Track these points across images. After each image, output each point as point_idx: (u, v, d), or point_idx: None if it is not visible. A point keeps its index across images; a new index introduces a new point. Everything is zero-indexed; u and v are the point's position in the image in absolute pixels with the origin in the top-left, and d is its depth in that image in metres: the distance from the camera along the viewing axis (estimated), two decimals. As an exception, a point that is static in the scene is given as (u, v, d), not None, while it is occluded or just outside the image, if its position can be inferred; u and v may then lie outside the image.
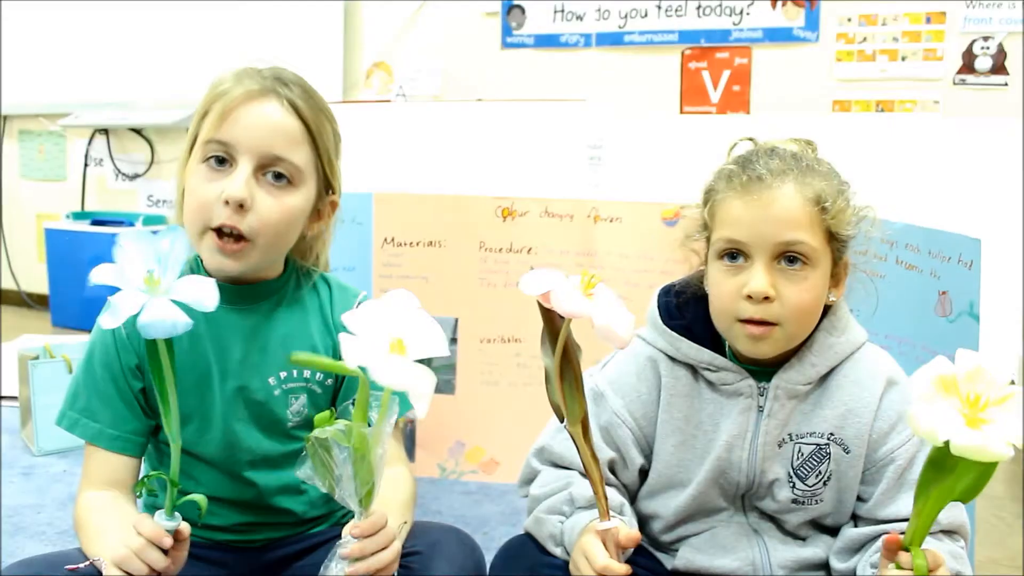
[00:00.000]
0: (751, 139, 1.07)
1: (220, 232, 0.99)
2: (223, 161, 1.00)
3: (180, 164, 1.05)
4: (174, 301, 0.82)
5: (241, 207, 0.98)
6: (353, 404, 0.80)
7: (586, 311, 0.81)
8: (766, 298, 0.96)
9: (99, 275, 0.82)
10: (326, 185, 1.08)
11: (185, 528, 0.88)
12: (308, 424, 1.09)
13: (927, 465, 0.80)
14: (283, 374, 1.07)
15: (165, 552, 0.86)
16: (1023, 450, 0.76)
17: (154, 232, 0.86)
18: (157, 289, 0.81)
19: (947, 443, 0.75)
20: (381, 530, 0.86)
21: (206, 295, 0.83)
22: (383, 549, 0.86)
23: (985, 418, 0.76)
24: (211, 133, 1.00)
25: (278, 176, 1.01)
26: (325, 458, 0.80)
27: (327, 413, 0.82)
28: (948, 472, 0.78)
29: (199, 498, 0.89)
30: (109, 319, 0.79)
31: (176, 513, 0.88)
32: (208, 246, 1.00)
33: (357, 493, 0.81)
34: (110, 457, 1.04)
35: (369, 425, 0.80)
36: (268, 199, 1.00)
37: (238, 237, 0.99)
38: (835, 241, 1.00)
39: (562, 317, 0.86)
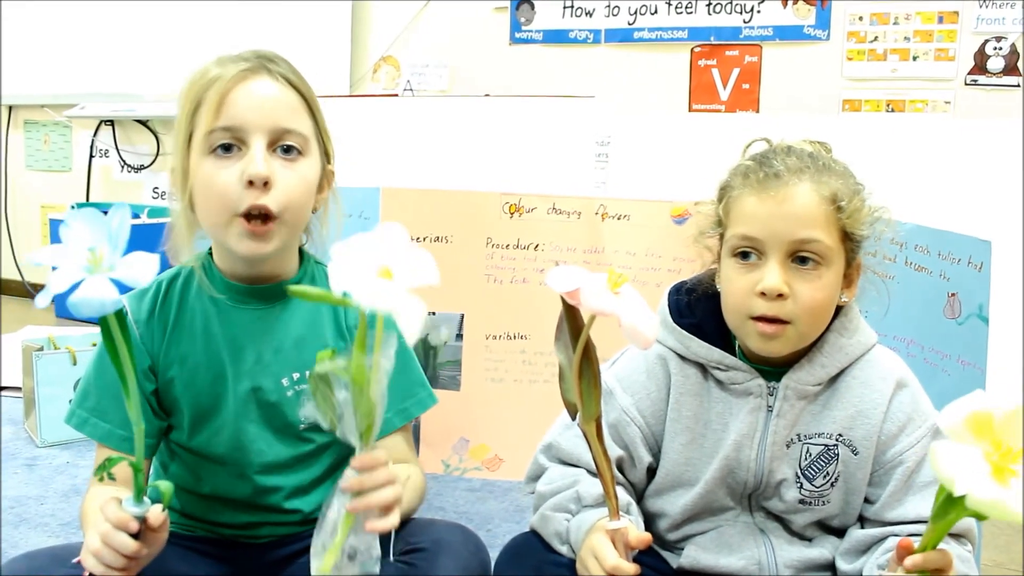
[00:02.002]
0: (766, 140, 1.07)
1: (248, 216, 0.98)
2: (229, 148, 0.99)
3: (177, 168, 1.03)
4: (112, 280, 0.78)
5: (265, 184, 0.97)
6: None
7: (614, 310, 0.80)
8: (780, 296, 0.96)
9: (39, 255, 0.79)
10: (324, 155, 1.08)
11: (155, 516, 0.86)
12: (319, 427, 1.08)
13: (947, 496, 0.74)
14: (296, 375, 1.07)
15: (136, 536, 0.85)
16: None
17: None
18: (100, 266, 0.78)
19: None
20: (382, 467, 0.84)
21: (144, 271, 0.79)
22: (384, 487, 0.84)
23: (1015, 470, 0.68)
24: (212, 122, 0.98)
25: (287, 149, 1.01)
26: (327, 394, 0.80)
27: (329, 350, 0.80)
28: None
29: (164, 485, 0.88)
30: (41, 298, 0.77)
31: (146, 499, 0.86)
32: (237, 233, 0.99)
33: (358, 427, 0.80)
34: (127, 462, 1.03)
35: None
36: (286, 172, 1.00)
37: (265, 218, 0.98)
38: (849, 241, 1.00)
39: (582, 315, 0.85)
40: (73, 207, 3.82)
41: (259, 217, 0.98)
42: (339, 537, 0.80)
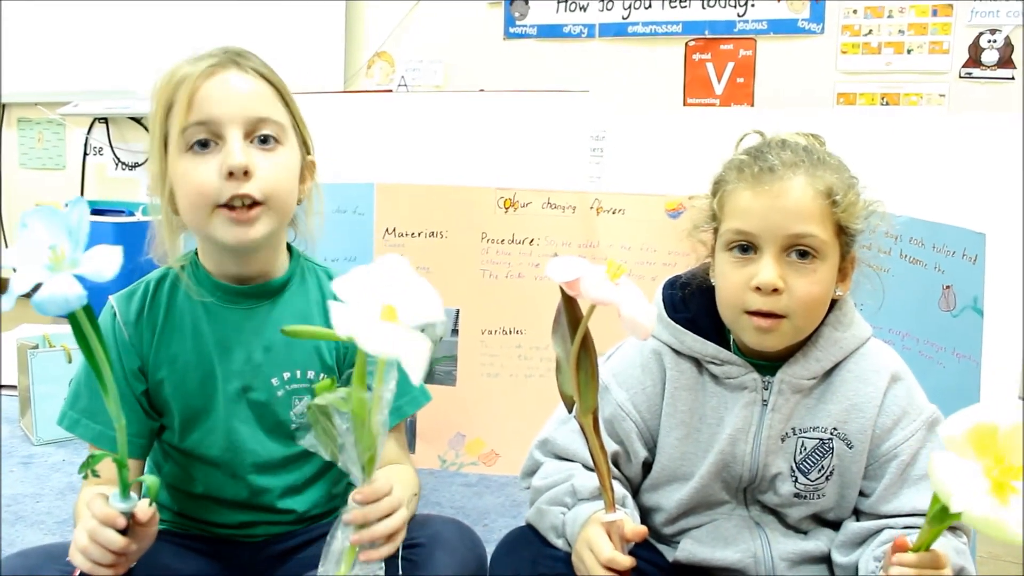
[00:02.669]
0: (760, 132, 1.06)
1: (231, 206, 0.98)
2: (206, 143, 0.98)
3: (156, 171, 1.02)
4: (76, 276, 0.77)
5: (245, 174, 0.97)
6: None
7: (614, 299, 0.80)
8: (775, 290, 0.96)
9: (7, 258, 0.78)
10: (302, 145, 1.07)
11: (143, 511, 0.86)
12: (311, 426, 1.08)
13: (943, 507, 0.71)
14: (286, 375, 1.06)
15: (124, 532, 0.85)
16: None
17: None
18: (62, 264, 0.77)
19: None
20: (385, 497, 0.83)
21: (107, 264, 0.77)
22: (388, 516, 0.83)
23: (1016, 487, 0.65)
24: (185, 119, 0.98)
25: (264, 139, 1.00)
26: (327, 426, 0.79)
27: (328, 381, 0.79)
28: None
29: (150, 479, 0.87)
30: (5, 301, 0.75)
31: (133, 494, 0.86)
32: (222, 221, 0.98)
33: (360, 459, 0.79)
34: (111, 458, 1.03)
35: (369, 390, 0.78)
36: (265, 161, 0.99)
37: (251, 204, 0.98)
38: (844, 235, 1.00)
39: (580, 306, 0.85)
40: (67, 205, 3.82)
41: (244, 204, 0.98)
42: (343, 570, 0.79)
